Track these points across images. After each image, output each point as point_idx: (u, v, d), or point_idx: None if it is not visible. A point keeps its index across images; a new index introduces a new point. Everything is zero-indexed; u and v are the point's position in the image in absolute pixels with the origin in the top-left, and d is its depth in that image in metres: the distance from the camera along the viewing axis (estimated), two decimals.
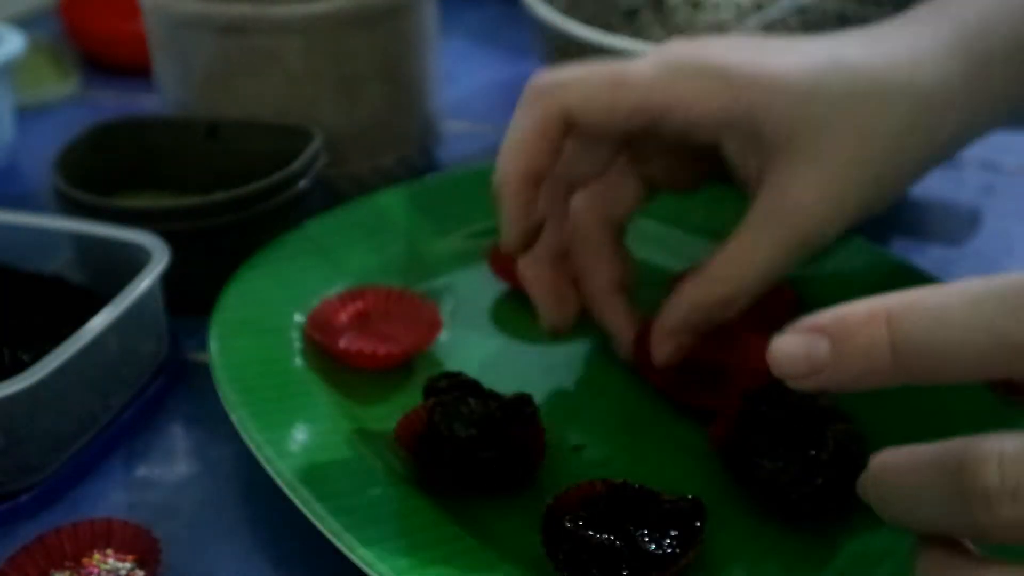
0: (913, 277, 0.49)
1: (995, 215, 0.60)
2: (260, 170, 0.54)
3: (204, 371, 0.48)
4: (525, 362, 0.43)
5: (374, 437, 0.43)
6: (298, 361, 0.46)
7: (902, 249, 0.56)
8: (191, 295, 0.51)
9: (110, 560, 0.38)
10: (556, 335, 0.46)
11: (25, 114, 0.73)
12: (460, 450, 0.39)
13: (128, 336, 0.45)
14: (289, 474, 0.39)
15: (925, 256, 0.56)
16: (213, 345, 0.45)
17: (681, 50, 0.42)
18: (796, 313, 0.52)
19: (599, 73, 0.41)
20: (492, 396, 0.41)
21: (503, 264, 0.53)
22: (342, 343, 0.47)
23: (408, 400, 0.46)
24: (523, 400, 0.41)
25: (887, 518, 0.29)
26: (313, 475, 0.39)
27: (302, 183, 0.54)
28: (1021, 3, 0.44)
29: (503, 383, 0.43)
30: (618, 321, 0.46)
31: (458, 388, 0.42)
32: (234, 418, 0.42)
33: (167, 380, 0.48)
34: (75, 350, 0.42)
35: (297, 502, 0.38)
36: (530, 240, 0.42)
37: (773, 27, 0.72)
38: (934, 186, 0.63)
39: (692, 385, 0.45)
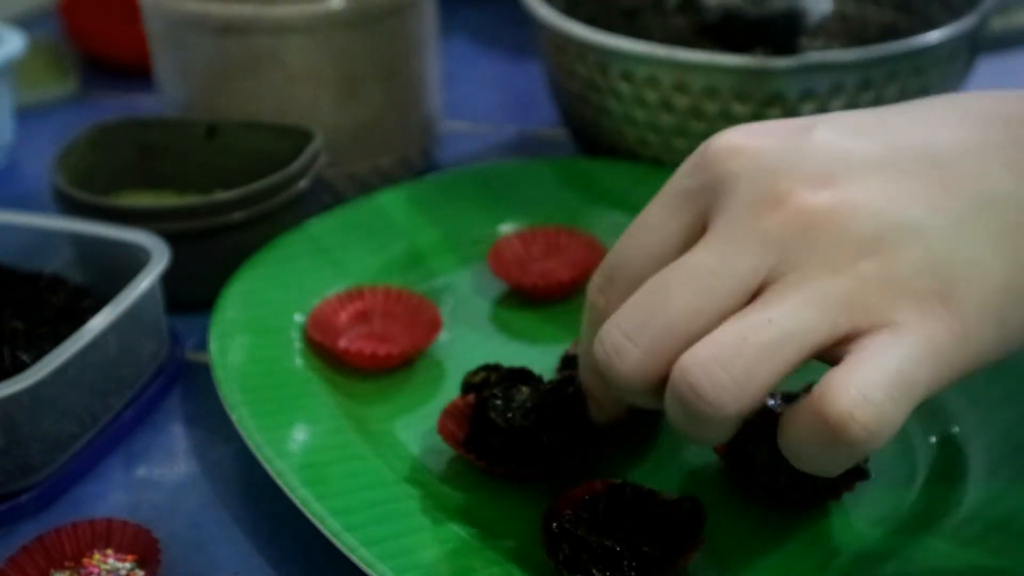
0: None
1: None
2: (260, 170, 0.54)
3: (204, 371, 0.48)
4: (525, 362, 0.43)
5: (374, 437, 0.43)
6: (298, 361, 0.46)
7: None
8: (191, 295, 0.51)
9: (110, 560, 0.38)
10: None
11: (25, 114, 0.73)
12: (520, 439, 0.39)
13: (128, 336, 0.45)
14: (289, 474, 0.39)
15: None
16: (213, 345, 0.45)
17: None
18: None
19: None
20: (539, 380, 0.42)
21: (503, 264, 0.53)
22: (342, 343, 0.47)
23: (408, 400, 0.46)
24: (568, 380, 0.41)
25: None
26: (313, 475, 0.39)
27: (302, 183, 0.54)
28: None
29: None
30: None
31: (504, 379, 0.42)
32: (234, 418, 0.42)
33: (167, 380, 0.48)
34: (75, 350, 0.42)
35: (297, 502, 0.38)
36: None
37: None
38: None
39: None
